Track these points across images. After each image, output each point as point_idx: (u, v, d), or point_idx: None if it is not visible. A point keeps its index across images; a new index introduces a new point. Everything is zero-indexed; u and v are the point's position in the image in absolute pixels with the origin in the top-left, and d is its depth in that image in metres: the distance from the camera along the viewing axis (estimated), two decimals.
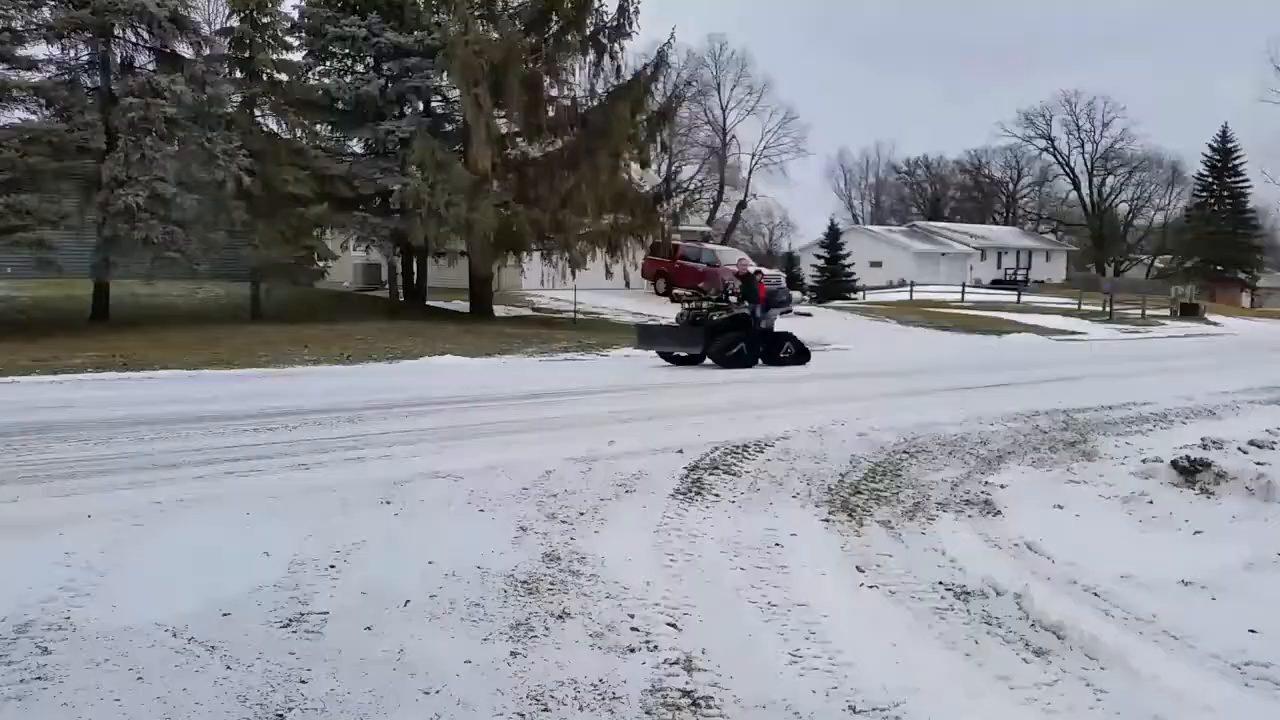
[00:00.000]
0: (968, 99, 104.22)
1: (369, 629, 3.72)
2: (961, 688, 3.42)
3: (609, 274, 22.36)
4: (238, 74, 20.11)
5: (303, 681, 3.23)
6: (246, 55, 19.72)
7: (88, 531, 4.76)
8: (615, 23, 21.16)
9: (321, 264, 22.77)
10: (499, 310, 23.74)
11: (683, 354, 15.21)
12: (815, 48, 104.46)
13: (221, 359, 13.92)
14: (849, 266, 46.18)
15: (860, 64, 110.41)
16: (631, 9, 20.90)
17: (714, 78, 63.06)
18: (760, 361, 15.02)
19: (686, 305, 15.72)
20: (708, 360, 14.64)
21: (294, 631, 3.66)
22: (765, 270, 31.06)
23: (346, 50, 21.70)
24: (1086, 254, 71.17)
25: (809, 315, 27.61)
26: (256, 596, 3.99)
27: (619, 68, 21.63)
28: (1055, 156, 74.13)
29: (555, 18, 21.46)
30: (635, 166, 22.89)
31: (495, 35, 20.66)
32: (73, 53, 17.91)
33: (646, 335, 16.05)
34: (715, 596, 4.28)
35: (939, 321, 27.59)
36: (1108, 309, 34.84)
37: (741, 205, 65.39)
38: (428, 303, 24.39)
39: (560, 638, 3.74)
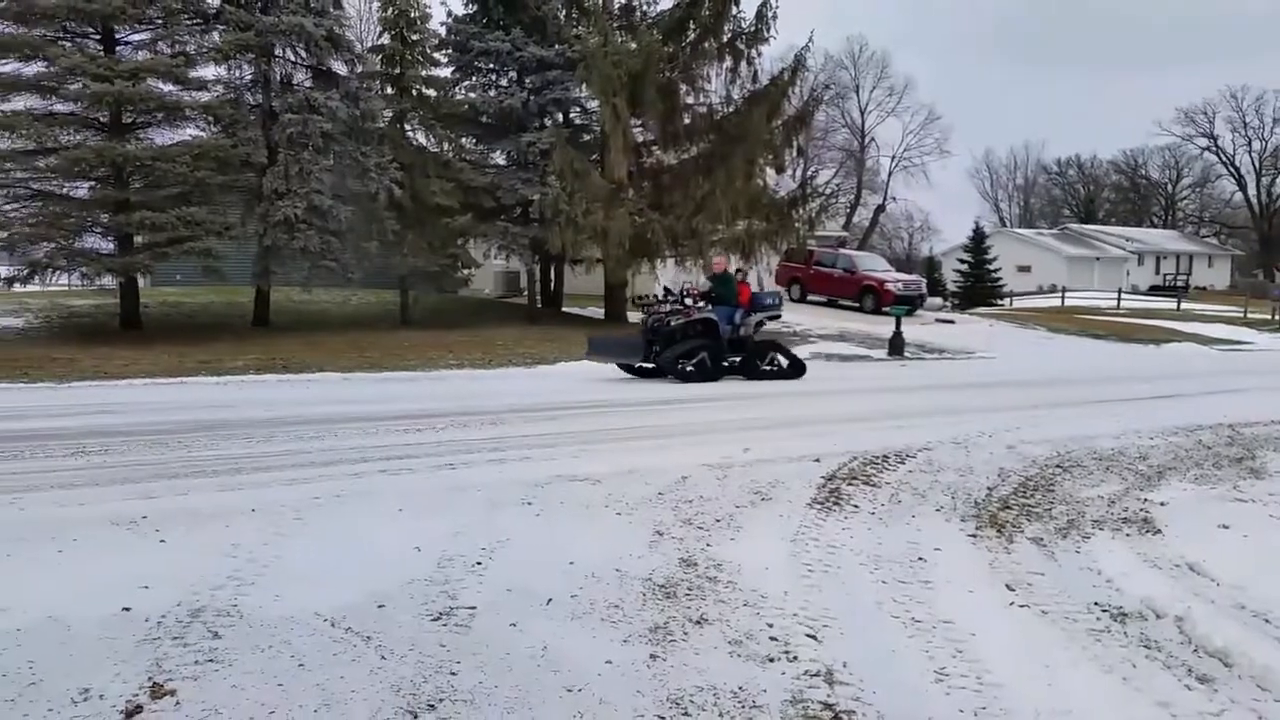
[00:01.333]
0: (1122, 96, 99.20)
1: (514, 625, 3.83)
2: (1119, 713, 3.27)
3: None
4: (389, 90, 21.01)
5: (452, 674, 3.36)
6: (397, 72, 20.60)
7: (252, 524, 5.05)
8: (753, 28, 21.09)
9: (465, 272, 23.55)
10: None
11: (644, 365, 13.22)
12: (959, 46, 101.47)
13: (372, 362, 14.56)
14: (995, 271, 44.52)
15: (1007, 61, 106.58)
16: (769, 14, 20.79)
17: (853, 80, 62.11)
18: (743, 376, 13.26)
19: (647, 311, 13.68)
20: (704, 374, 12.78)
21: (444, 625, 3.80)
22: (904, 275, 30.51)
23: (491, 65, 22.38)
24: (1253, 259, 66.53)
25: (951, 322, 26.79)
26: (409, 590, 4.16)
27: (755, 73, 21.55)
28: (1218, 155, 69.58)
29: (693, 26, 21.55)
30: (770, 172, 22.71)
31: (633, 45, 20.90)
32: (238, 73, 19.05)
33: (594, 346, 14.07)
34: (856, 609, 4.22)
35: (1092, 329, 26.30)
36: (1276, 317, 32.46)
37: (880, 209, 64.05)
38: (564, 309, 24.86)
39: (699, 643, 3.76)
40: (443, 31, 22.28)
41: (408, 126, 21.52)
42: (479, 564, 4.56)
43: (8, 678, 3.23)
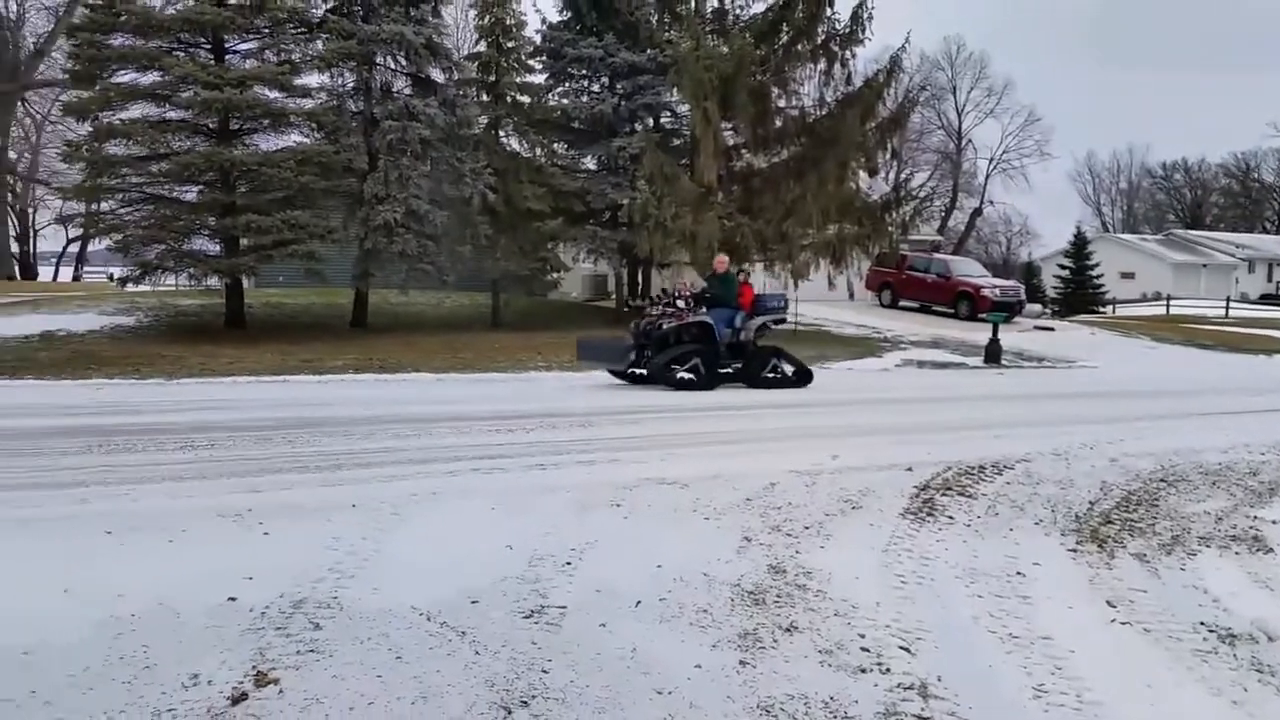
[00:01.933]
0: (1234, 97, 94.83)
1: (603, 626, 3.86)
2: None
3: (832, 285, 22.04)
4: (484, 97, 21.42)
5: (544, 671, 3.40)
6: (492, 79, 20.99)
7: (352, 519, 5.19)
8: (847, 30, 20.84)
9: (555, 275, 23.83)
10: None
11: (637, 371, 12.28)
12: (1060, 45, 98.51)
13: (465, 363, 14.83)
14: (1097, 278, 43.02)
15: (1110, 61, 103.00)
16: (864, 15, 20.52)
17: (949, 81, 60.82)
18: (744, 384, 12.35)
19: (639, 314, 12.95)
20: (694, 381, 11.89)
21: (535, 623, 3.85)
22: (1001, 281, 29.73)
23: (583, 71, 22.64)
24: None
25: (1051, 330, 25.99)
26: (501, 587, 4.23)
27: (849, 75, 21.28)
28: None
29: (786, 28, 21.39)
30: (863, 175, 22.42)
31: (725, 49, 20.87)
32: (340, 80, 19.66)
33: (584, 349, 13.18)
34: (950, 622, 4.14)
35: (1199, 339, 25.22)
36: None
37: (977, 213, 62.57)
38: None
39: (789, 651, 3.73)
40: (537, 39, 22.63)
41: (502, 132, 21.90)
42: (568, 564, 4.61)
43: (125, 660, 3.38)
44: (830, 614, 4.15)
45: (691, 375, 11.85)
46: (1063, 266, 44.21)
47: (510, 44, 21.11)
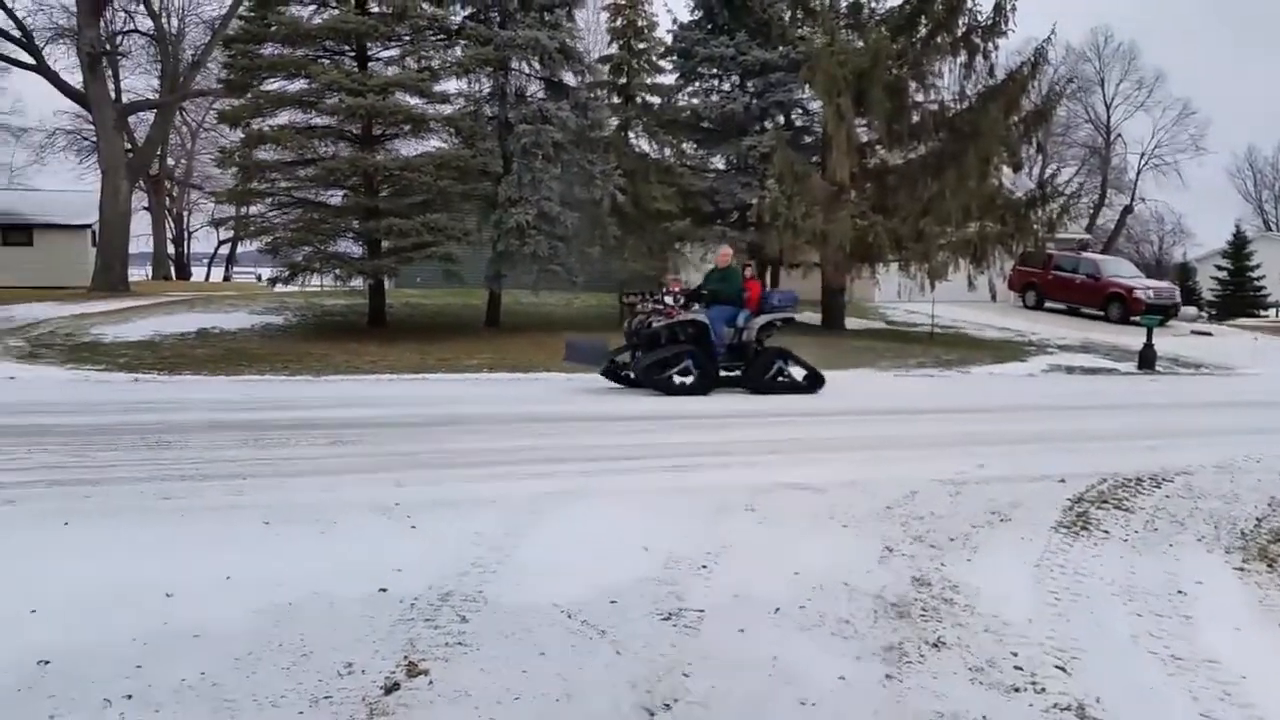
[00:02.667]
0: None
1: (742, 631, 3.81)
2: None
3: (972, 285, 21.25)
4: (615, 99, 21.59)
5: (685, 675, 3.38)
6: (623, 81, 21.15)
7: (493, 515, 5.29)
8: (990, 21, 20.09)
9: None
10: (851, 323, 23.44)
11: (628, 374, 11.59)
12: (1218, 35, 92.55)
13: None
14: (1258, 279, 40.28)
15: (1275, 51, 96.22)
16: (1007, 6, 19.76)
17: (1097, 73, 57.87)
18: (746, 389, 11.54)
19: (631, 312, 12.01)
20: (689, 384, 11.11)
21: (674, 625, 3.83)
22: (1155, 282, 28.16)
23: (714, 70, 22.55)
24: None
25: (1208, 334, 24.49)
26: (639, 588, 4.23)
27: (991, 67, 20.49)
28: None
29: (924, 21, 20.79)
30: (1006, 170, 21.60)
31: (860, 43, 20.45)
32: (477, 86, 20.14)
33: (572, 350, 12.21)
34: (1108, 642, 3.93)
35: None
36: None
37: (1127, 210, 59.41)
38: None
39: (936, 667, 3.60)
40: (668, 39, 22.65)
41: (631, 134, 22.04)
42: (704, 567, 4.58)
43: (283, 648, 3.53)
44: (980, 630, 3.99)
45: (682, 379, 11.00)
46: (1220, 267, 41.58)
47: (641, 45, 21.23)
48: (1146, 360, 17.10)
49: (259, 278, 45.17)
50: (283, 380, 12.38)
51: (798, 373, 11.87)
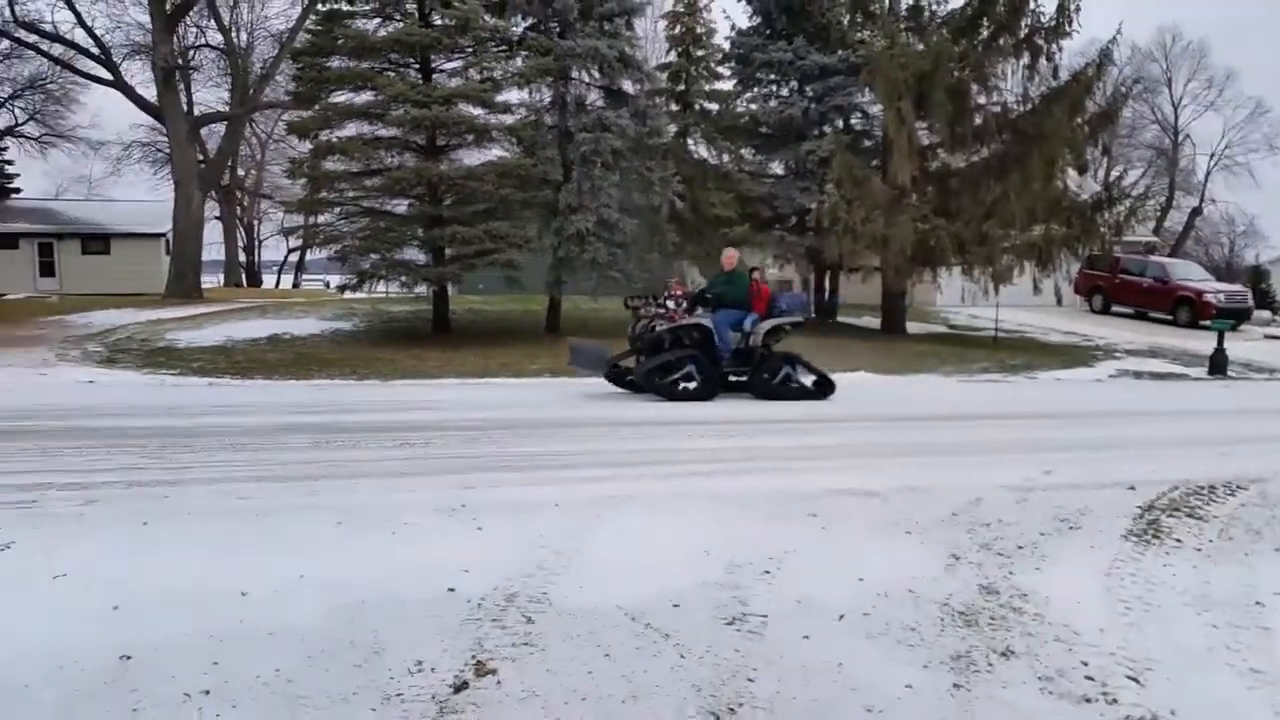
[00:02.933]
0: None
1: (806, 638, 3.81)
2: None
3: (1037, 289, 20.86)
4: (673, 106, 21.67)
5: (749, 680, 3.39)
6: (682, 88, 21.21)
7: (556, 518, 5.34)
8: (1053, 23, 19.74)
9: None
10: (911, 327, 23.18)
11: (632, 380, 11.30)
12: None
13: None
14: None
15: None
16: (1071, 7, 19.39)
17: (1164, 72, 56.42)
18: (752, 395, 11.20)
19: (635, 315, 11.73)
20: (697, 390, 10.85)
21: (737, 630, 3.85)
22: (1226, 286, 27.35)
23: (772, 75, 22.49)
24: None
25: None
26: (701, 592, 4.25)
27: (1055, 69, 20.14)
28: None
29: (986, 23, 20.51)
30: (1071, 173, 21.18)
31: (920, 46, 20.24)
32: (538, 95, 20.35)
33: (576, 355, 11.94)
34: (1182, 653, 3.85)
35: None
36: None
37: (1195, 212, 57.79)
38: (839, 319, 24.49)
39: (1005, 676, 3.56)
40: (726, 46, 22.67)
41: (690, 140, 22.09)
42: (767, 572, 4.58)
43: (356, 645, 3.62)
44: (1049, 639, 3.94)
45: (685, 384, 10.79)
46: None
47: (700, 52, 21.30)
48: (1218, 365, 16.62)
49: (327, 285, 46.23)
50: (352, 384, 12.62)
51: (807, 378, 11.55)
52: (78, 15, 30.30)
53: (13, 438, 7.38)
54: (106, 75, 30.48)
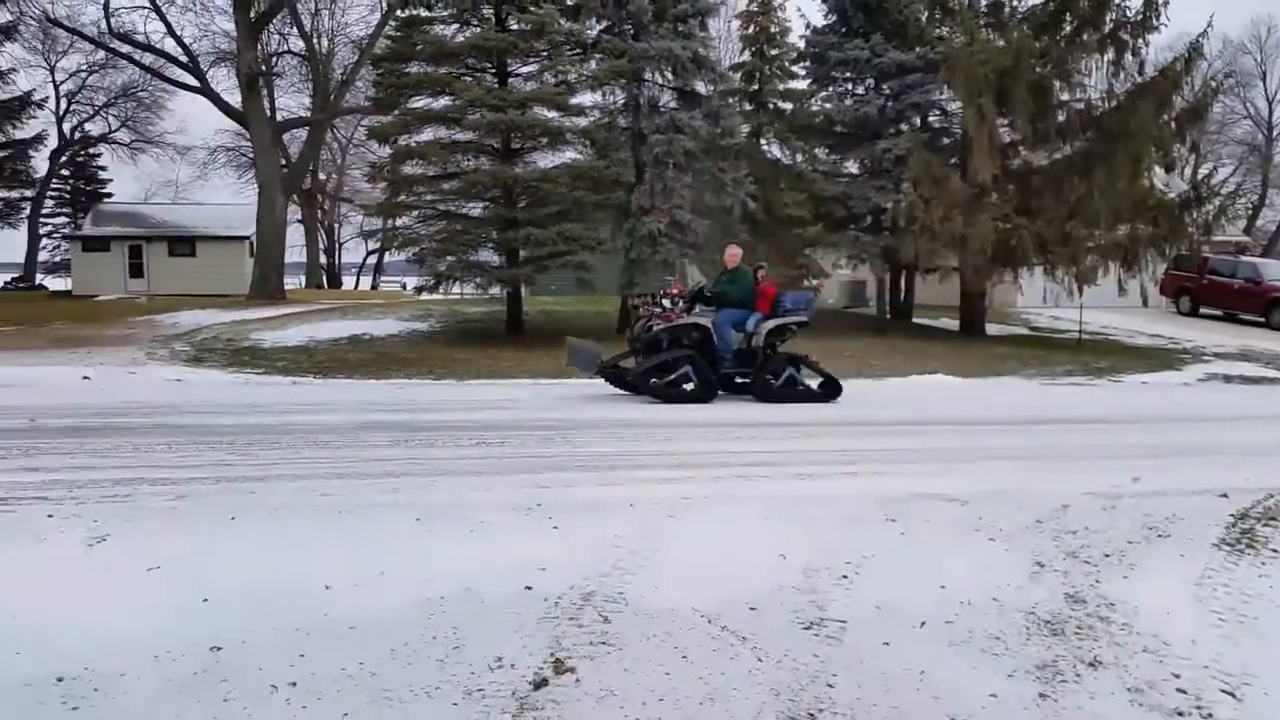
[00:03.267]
0: None
1: (886, 644, 3.75)
2: None
3: (1122, 290, 20.26)
4: (746, 106, 21.56)
5: (829, 685, 3.35)
6: (755, 88, 21.10)
7: (630, 518, 5.35)
8: (1139, 16, 19.17)
9: (814, 282, 23.62)
10: (991, 329, 22.70)
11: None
12: None
13: None
14: None
15: None
16: (1159, 0, 18.82)
17: (1258, 65, 54.26)
18: (754, 397, 10.93)
19: (637, 316, 11.43)
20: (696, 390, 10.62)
21: (815, 635, 3.81)
22: None
23: (848, 74, 22.24)
24: None
25: None
26: (777, 596, 4.22)
27: (1141, 64, 19.56)
28: None
29: (1069, 18, 20.01)
30: (1158, 170, 20.54)
31: (1001, 42, 19.82)
32: (611, 98, 20.48)
33: (574, 355, 11.60)
34: None
35: None
36: None
37: None
38: (914, 320, 24.11)
39: (1093, 687, 3.47)
40: (801, 44, 22.49)
41: (763, 140, 21.96)
42: (845, 577, 4.52)
43: (437, 640, 3.68)
44: (1138, 650, 3.82)
45: (681, 385, 10.51)
46: None
47: (774, 51, 21.17)
48: None
49: (403, 286, 47.13)
50: (429, 384, 12.85)
51: (813, 380, 11.28)
52: (168, 25, 31.47)
53: (106, 434, 7.66)
54: (194, 82, 31.60)
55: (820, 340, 19.34)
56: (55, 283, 41.61)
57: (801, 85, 23.05)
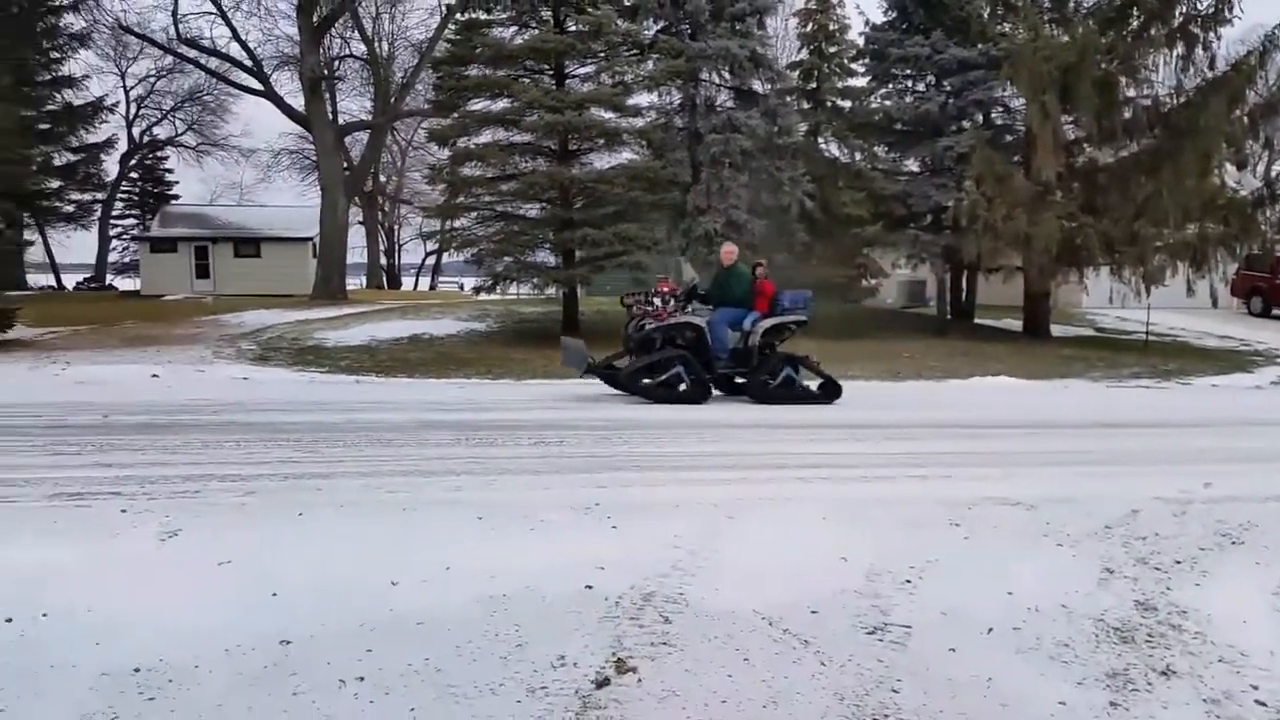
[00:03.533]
0: None
1: (952, 650, 3.70)
2: None
3: (1191, 291, 19.73)
4: (804, 104, 21.44)
5: (894, 690, 3.32)
6: (813, 86, 20.97)
7: (688, 518, 5.33)
8: (1210, 9, 18.66)
9: (872, 282, 23.38)
10: (1055, 330, 22.27)
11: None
12: None
13: None
14: None
15: None
16: None
17: None
18: (750, 397, 10.74)
19: (631, 315, 11.13)
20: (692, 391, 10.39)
21: (879, 640, 3.77)
22: None
23: (908, 70, 22.00)
24: None
25: None
26: (839, 599, 4.18)
27: (1212, 59, 19.04)
28: None
29: (1136, 12, 19.54)
30: (1229, 168, 19.97)
31: (1065, 38, 19.43)
32: (668, 98, 20.51)
33: (569, 354, 11.33)
34: None
35: None
36: None
37: None
38: (976, 321, 23.73)
39: (1166, 696, 3.39)
40: (860, 42, 22.30)
41: (821, 139, 21.81)
42: (908, 582, 4.47)
43: (500, 637, 3.71)
44: (1213, 660, 3.72)
45: (671, 386, 10.27)
46: None
47: (833, 49, 21.04)
48: None
49: (460, 286, 47.69)
50: (487, 383, 12.99)
51: (812, 381, 11.07)
52: (233, 30, 32.22)
53: (176, 431, 7.87)
54: (258, 86, 32.29)
55: (879, 341, 19.23)
56: (124, 283, 42.79)
57: (860, 83, 22.86)
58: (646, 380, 10.37)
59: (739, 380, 11.08)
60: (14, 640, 3.59)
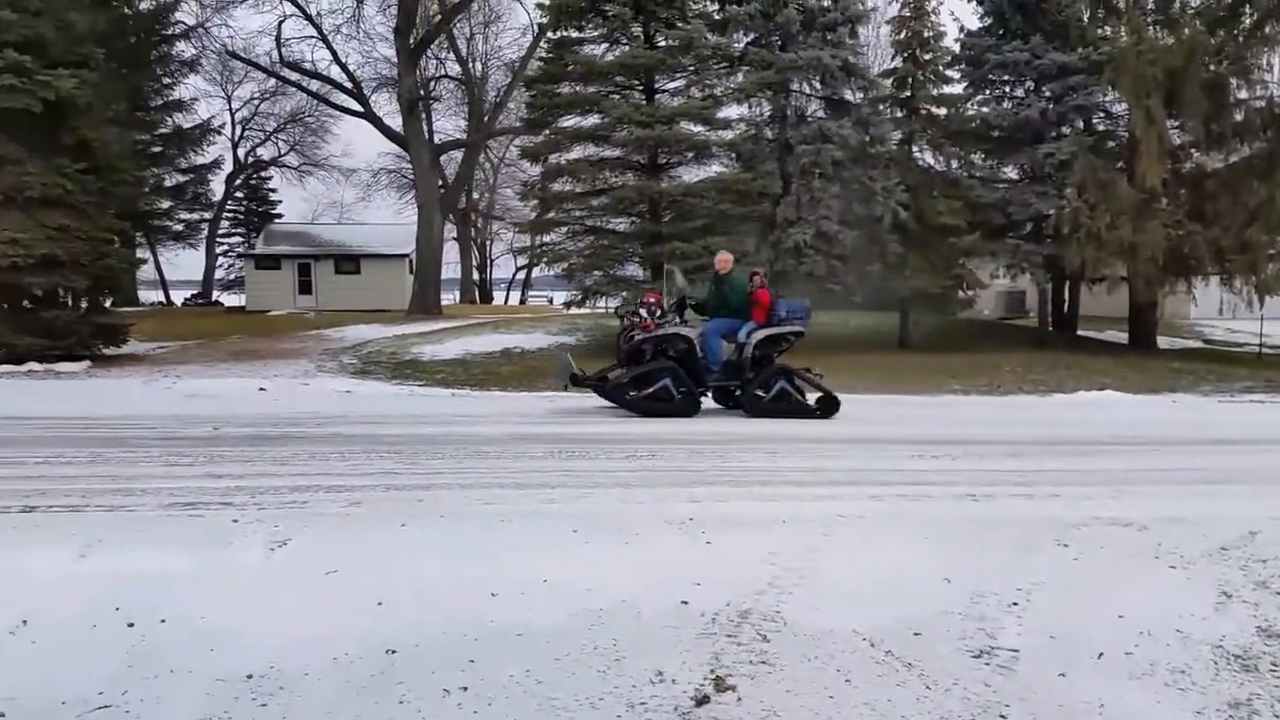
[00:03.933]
0: None
1: (1062, 675, 3.59)
2: None
3: None
4: (898, 113, 21.11)
5: (1002, 716, 3.24)
6: (907, 94, 20.63)
7: (784, 535, 5.29)
8: None
9: (969, 293, 22.84)
10: (1162, 342, 21.43)
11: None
12: None
13: (870, 385, 14.63)
14: None
15: None
16: None
17: None
18: (744, 410, 10.46)
19: (623, 326, 10.94)
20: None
21: (986, 663, 3.68)
22: None
23: (1006, 76, 21.49)
24: None
25: None
26: (943, 621, 4.09)
27: None
28: None
29: (1248, 10, 18.74)
30: None
31: (1170, 40, 18.74)
32: (757, 110, 20.46)
33: (564, 368, 10.99)
34: None
35: None
36: None
37: None
38: (1078, 332, 22.99)
39: None
40: (955, 48, 21.87)
41: (915, 147, 21.44)
42: (1015, 604, 4.34)
43: (598, 650, 3.74)
44: None
45: (657, 401, 10.11)
46: None
47: (927, 56, 20.65)
48: None
49: (550, 300, 48.30)
50: (577, 396, 13.06)
51: (809, 395, 10.76)
52: (334, 53, 33.36)
53: (284, 443, 8.14)
54: (357, 107, 33.31)
55: (977, 353, 18.78)
56: (230, 299, 44.60)
57: (956, 90, 22.39)
58: (632, 393, 10.26)
59: (734, 391, 10.81)
60: (136, 644, 3.75)
